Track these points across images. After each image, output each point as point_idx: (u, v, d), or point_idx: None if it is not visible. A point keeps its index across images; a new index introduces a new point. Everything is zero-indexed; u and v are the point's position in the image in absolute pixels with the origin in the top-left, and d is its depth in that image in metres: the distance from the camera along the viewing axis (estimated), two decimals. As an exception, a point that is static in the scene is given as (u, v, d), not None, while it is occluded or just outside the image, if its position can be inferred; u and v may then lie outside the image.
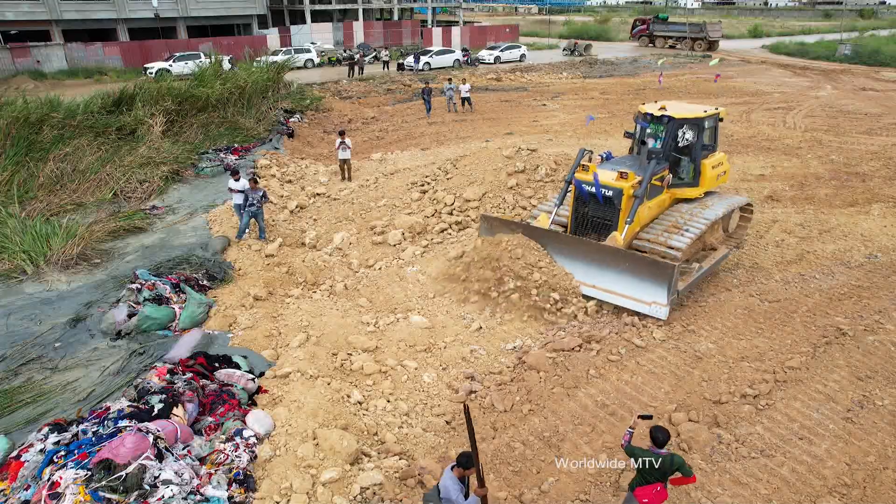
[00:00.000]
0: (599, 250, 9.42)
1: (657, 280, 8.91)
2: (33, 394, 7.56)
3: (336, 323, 9.36)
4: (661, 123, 10.48)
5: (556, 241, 9.95)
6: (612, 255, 9.29)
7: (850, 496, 6.07)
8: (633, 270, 9.10)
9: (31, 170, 14.36)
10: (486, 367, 8.48)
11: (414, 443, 7.10)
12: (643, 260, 9.10)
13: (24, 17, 35.95)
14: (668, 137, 10.43)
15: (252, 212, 11.89)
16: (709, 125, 10.75)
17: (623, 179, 9.60)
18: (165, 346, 8.56)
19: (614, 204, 9.72)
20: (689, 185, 10.81)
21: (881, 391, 7.49)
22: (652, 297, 9.00)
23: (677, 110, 10.57)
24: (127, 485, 5.42)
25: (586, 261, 9.55)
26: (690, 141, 10.52)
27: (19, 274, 10.59)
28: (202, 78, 21.24)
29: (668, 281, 8.80)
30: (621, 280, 9.22)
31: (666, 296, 8.89)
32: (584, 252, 9.59)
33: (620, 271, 9.21)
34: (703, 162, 10.72)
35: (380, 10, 58.79)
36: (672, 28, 51.31)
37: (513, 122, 23.08)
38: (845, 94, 28.47)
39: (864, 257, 11.19)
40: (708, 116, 10.58)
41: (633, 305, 9.18)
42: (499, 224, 10.52)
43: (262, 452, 6.38)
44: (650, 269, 8.95)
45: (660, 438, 5.13)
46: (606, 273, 9.35)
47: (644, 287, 9.05)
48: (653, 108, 10.70)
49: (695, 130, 10.46)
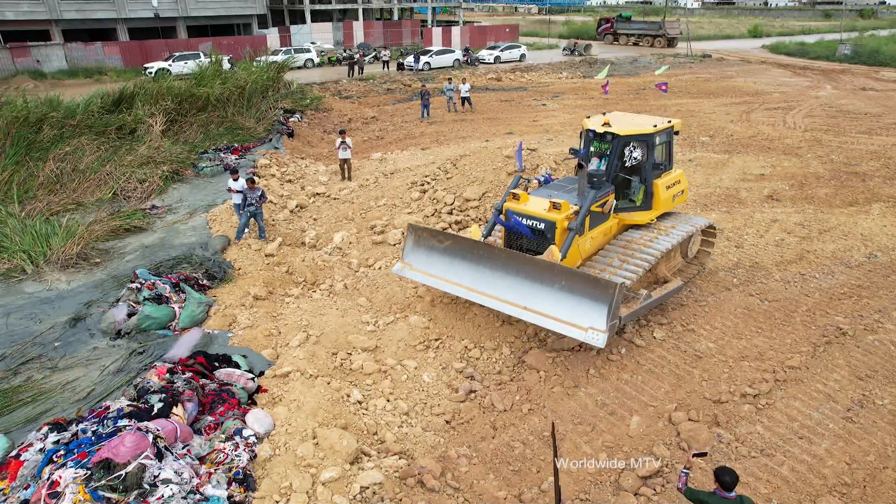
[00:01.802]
0: (533, 264, 8.17)
1: (596, 301, 7.59)
2: (33, 393, 7.56)
3: (336, 322, 9.36)
4: (604, 141, 9.38)
5: (487, 253, 8.65)
6: (546, 270, 8.02)
7: (850, 495, 6.07)
8: (570, 289, 7.83)
9: (30, 169, 14.35)
10: (486, 367, 8.48)
11: (414, 442, 7.09)
12: (581, 276, 7.84)
13: (24, 16, 35.94)
14: (614, 157, 9.33)
15: (251, 211, 11.88)
16: (660, 140, 9.64)
17: (556, 210, 8.54)
18: (165, 345, 8.56)
19: (547, 238, 8.72)
20: (640, 209, 9.78)
21: (881, 390, 7.48)
22: (589, 321, 7.59)
23: (623, 125, 9.42)
24: (126, 484, 5.42)
25: (518, 277, 8.26)
26: (639, 160, 9.44)
27: (19, 273, 10.58)
28: (202, 77, 21.22)
29: (609, 302, 7.44)
30: (556, 301, 7.91)
31: (605, 321, 7.49)
32: (516, 267, 8.31)
33: (556, 290, 7.94)
34: (655, 182, 9.68)
35: (380, 9, 58.78)
36: (634, 26, 53.82)
37: (513, 122, 23.08)
38: (845, 94, 28.47)
39: (864, 257, 11.19)
40: (659, 132, 9.45)
41: (567, 331, 7.71)
42: (427, 235, 9.40)
43: (261, 452, 6.37)
44: (588, 288, 7.66)
45: (727, 481, 4.63)
46: (541, 292, 8.05)
47: (581, 309, 7.68)
48: (595, 122, 9.58)
49: (644, 147, 9.36)
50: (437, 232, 9.40)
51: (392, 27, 51.94)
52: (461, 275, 8.84)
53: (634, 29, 53.57)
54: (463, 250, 8.93)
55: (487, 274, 8.58)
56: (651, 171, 9.61)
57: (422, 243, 9.43)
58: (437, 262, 9.15)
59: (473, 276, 8.71)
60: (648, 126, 9.44)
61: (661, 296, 9.03)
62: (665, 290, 9.15)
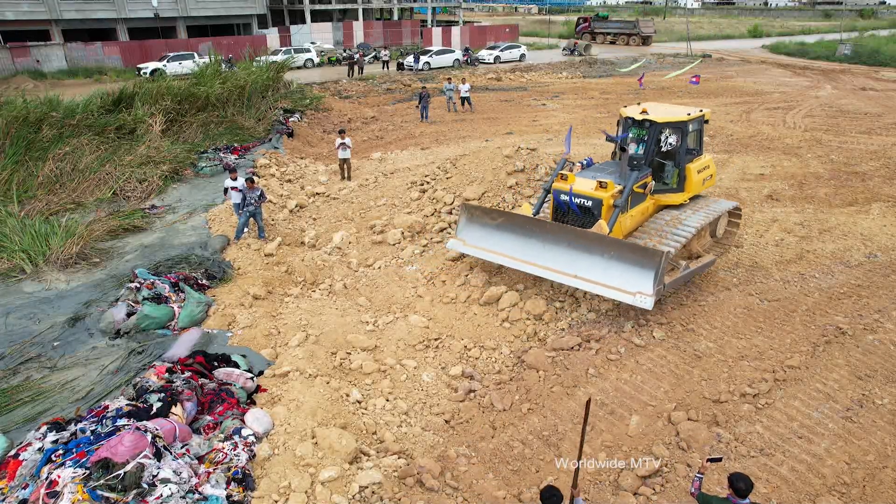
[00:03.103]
0: (584, 237, 9.03)
1: (644, 268, 8.46)
2: (32, 392, 7.55)
3: (335, 322, 9.35)
4: (642, 128, 10.13)
5: (538, 228, 9.53)
6: (597, 242, 8.89)
7: (849, 495, 6.07)
8: (618, 258, 8.68)
9: (30, 169, 14.35)
10: (485, 366, 8.47)
11: (413, 442, 7.09)
12: (630, 246, 8.75)
13: (24, 16, 35.94)
14: (651, 142, 10.07)
15: (250, 211, 11.88)
16: (693, 128, 10.37)
17: (602, 189, 9.30)
18: (164, 344, 8.55)
19: (594, 215, 9.45)
20: (674, 190, 10.46)
21: (881, 390, 7.48)
22: (637, 286, 8.48)
23: (660, 113, 10.17)
24: (125, 483, 5.41)
25: (570, 249, 9.13)
26: (674, 145, 10.18)
27: (18, 273, 10.58)
28: (201, 77, 21.22)
29: (656, 269, 8.33)
30: (606, 269, 8.77)
31: (652, 285, 8.39)
32: (567, 239, 9.18)
33: (605, 259, 8.79)
34: (687, 166, 10.38)
35: (380, 9, 58.77)
36: (610, 25, 55.50)
37: (512, 122, 23.07)
38: (845, 94, 28.47)
39: (864, 256, 11.18)
40: (692, 119, 10.19)
41: (617, 296, 8.64)
42: (480, 212, 10.23)
43: (260, 451, 6.37)
44: (637, 257, 8.54)
45: (742, 488, 4.62)
46: (591, 261, 8.90)
47: (629, 276, 8.57)
48: (634, 111, 10.31)
49: (678, 134, 10.13)
50: (489, 210, 10.31)
51: (392, 27, 51.93)
52: (514, 248, 9.67)
53: (611, 28, 55.14)
54: (515, 226, 9.77)
55: (539, 246, 9.43)
56: (684, 156, 10.32)
57: (475, 220, 10.25)
58: (491, 238, 9.97)
59: (526, 249, 9.55)
60: (683, 114, 10.18)
61: (698, 268, 9.85)
62: (700, 263, 9.99)
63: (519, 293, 9.87)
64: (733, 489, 4.69)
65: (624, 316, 9.37)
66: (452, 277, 10.61)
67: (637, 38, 51.55)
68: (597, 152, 15.70)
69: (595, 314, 9.47)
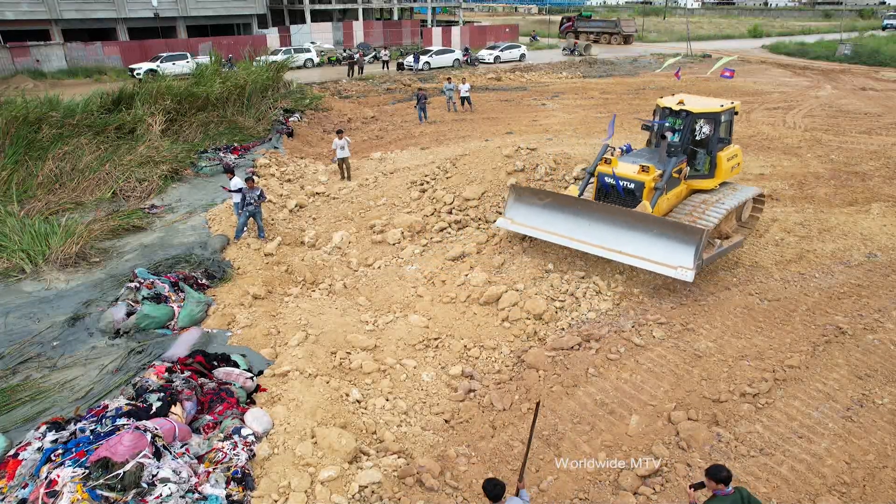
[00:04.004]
0: (628, 215, 9.74)
1: (685, 243, 9.14)
2: (31, 392, 7.55)
3: (335, 322, 9.35)
4: (679, 117, 10.92)
5: (584, 207, 10.27)
6: (641, 220, 9.61)
7: (849, 495, 6.06)
8: (661, 234, 9.36)
9: (30, 169, 14.34)
10: (485, 366, 8.47)
11: (413, 441, 7.08)
12: (671, 223, 9.47)
13: (24, 16, 35.92)
14: (686, 131, 10.87)
15: (250, 211, 11.87)
16: (725, 119, 11.14)
17: (644, 173, 10.12)
18: (164, 344, 8.55)
19: (636, 196, 10.21)
20: (705, 176, 11.22)
21: (881, 390, 7.47)
22: (679, 261, 9.18)
23: (695, 104, 10.95)
24: (125, 483, 5.41)
25: (614, 226, 9.82)
26: (707, 134, 10.95)
27: (18, 273, 10.57)
28: (201, 77, 21.21)
29: (697, 244, 9.03)
30: (649, 245, 9.46)
31: (693, 259, 9.09)
32: (612, 218, 9.88)
33: (648, 235, 9.47)
34: (718, 154, 11.08)
35: (380, 9, 58.75)
36: (592, 25, 56.88)
37: (512, 122, 23.06)
38: (845, 94, 28.46)
39: (864, 256, 11.18)
40: (724, 110, 10.96)
41: (660, 269, 9.36)
42: (529, 193, 10.88)
43: (260, 451, 6.36)
44: (678, 233, 9.25)
45: (724, 476, 4.68)
46: (634, 238, 9.60)
47: (671, 251, 9.27)
48: (671, 101, 11.08)
49: (712, 124, 10.90)
50: (537, 190, 11.05)
51: (392, 27, 51.91)
52: (560, 226, 10.41)
53: (593, 27, 56.32)
54: (562, 205, 10.47)
55: (585, 224, 10.13)
56: (716, 145, 11.07)
57: (523, 200, 10.90)
58: (538, 216, 10.68)
59: (572, 226, 10.27)
60: (716, 106, 10.96)
61: (729, 246, 10.61)
62: (732, 242, 10.75)
63: (519, 293, 9.87)
64: (716, 480, 4.70)
65: (624, 316, 9.38)
66: (452, 277, 10.61)
67: (618, 36, 52.89)
68: (595, 152, 15.65)
69: (595, 314, 9.47)
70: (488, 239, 11.86)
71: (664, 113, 11.13)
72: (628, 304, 9.73)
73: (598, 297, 9.94)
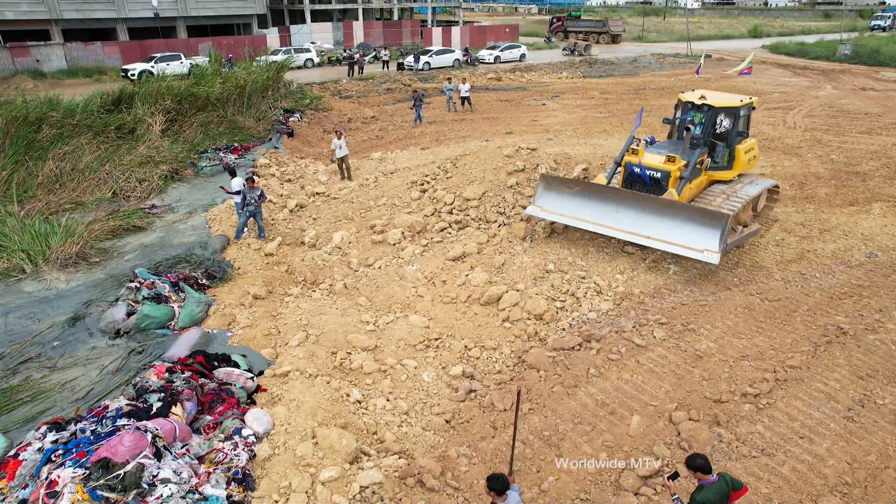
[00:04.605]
0: (656, 202, 10.27)
1: (711, 227, 9.68)
2: (32, 392, 7.53)
3: (335, 322, 9.34)
4: (701, 111, 11.50)
5: (613, 194, 10.76)
6: (668, 206, 10.15)
7: (851, 495, 6.06)
8: (687, 219, 9.90)
9: (30, 169, 14.33)
10: (485, 366, 8.46)
11: (413, 442, 7.07)
12: (697, 209, 10.07)
13: (24, 16, 35.90)
14: (708, 124, 11.45)
15: (250, 211, 11.86)
16: (743, 113, 11.73)
17: (671, 163, 10.78)
18: (164, 344, 8.53)
19: (661, 185, 10.83)
20: (724, 168, 11.79)
21: (882, 390, 7.47)
22: (705, 244, 9.72)
23: (716, 99, 11.57)
24: (125, 483, 5.40)
25: (642, 212, 10.32)
26: (727, 128, 11.52)
27: (18, 273, 10.55)
28: (201, 77, 21.19)
29: (722, 227, 9.57)
30: (676, 229, 9.98)
31: (718, 243, 9.61)
32: (640, 204, 10.38)
33: (676, 221, 9.98)
34: (737, 147, 11.67)
35: (380, 9, 58.74)
36: (581, 24, 57.95)
37: (513, 122, 23.05)
38: (845, 94, 28.45)
39: (865, 256, 11.17)
40: (743, 105, 11.54)
41: (686, 252, 9.87)
42: (558, 182, 11.35)
43: (260, 451, 6.36)
44: (704, 218, 9.80)
45: (703, 464, 4.70)
46: (662, 223, 10.11)
47: (698, 235, 9.79)
48: (693, 96, 11.72)
49: (731, 118, 11.43)
50: (567, 179, 11.66)
51: (392, 27, 51.88)
52: (590, 213, 10.87)
53: (582, 27, 57.23)
54: (591, 193, 10.94)
55: (613, 211, 10.60)
56: (735, 138, 11.66)
57: (553, 189, 11.35)
58: (568, 204, 11.12)
59: (600, 213, 10.74)
60: (736, 101, 11.58)
61: (749, 233, 11.33)
62: (751, 230, 11.47)
63: (519, 293, 9.86)
64: (696, 469, 4.71)
65: (625, 316, 9.37)
66: (453, 277, 10.60)
67: (607, 35, 53.66)
68: (596, 153, 15.67)
69: (596, 314, 9.46)
70: (489, 239, 11.86)
71: (686, 107, 11.71)
72: (629, 304, 9.72)
73: (598, 297, 9.93)
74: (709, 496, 4.64)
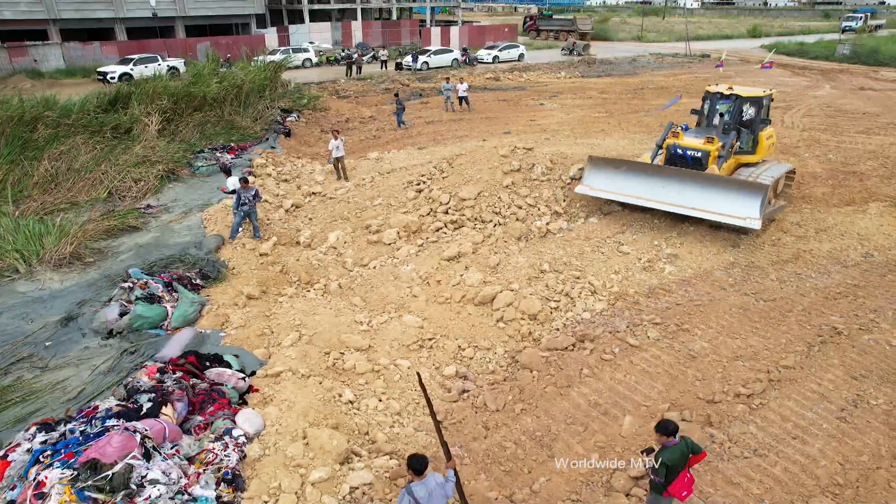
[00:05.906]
0: (699, 176, 11.38)
1: (752, 196, 10.73)
2: (23, 393, 7.51)
3: (329, 322, 9.31)
4: (729, 101, 12.60)
5: (659, 171, 11.88)
6: (711, 180, 11.25)
7: (842, 496, 6.03)
8: (729, 190, 10.92)
9: (25, 168, 14.31)
10: (479, 366, 8.43)
11: (405, 442, 7.05)
12: (739, 181, 11.23)
13: (22, 16, 35.87)
14: (735, 112, 12.51)
15: (245, 211, 11.84)
16: (766, 103, 12.86)
17: (710, 143, 11.85)
18: (157, 344, 8.51)
19: (702, 163, 11.81)
20: (749, 153, 12.84)
21: (875, 390, 7.44)
22: (746, 212, 10.72)
23: (743, 90, 12.72)
24: (113, 484, 5.37)
25: (686, 186, 11.36)
26: (752, 116, 12.63)
27: (12, 273, 10.53)
28: (198, 77, 21.17)
29: (762, 196, 10.66)
30: (719, 201, 10.96)
31: (759, 210, 10.62)
32: (683, 179, 11.43)
33: (718, 193, 10.99)
34: (760, 134, 12.73)
35: (378, 9, 58.71)
36: (552, 23, 60.44)
37: (510, 122, 23.01)
38: (844, 94, 28.41)
39: (861, 256, 11.14)
40: (766, 95, 12.78)
41: (730, 220, 10.92)
42: (604, 162, 12.40)
43: (251, 452, 6.33)
44: (746, 189, 10.90)
45: (671, 427, 5.20)
46: (706, 195, 11.13)
47: (740, 204, 10.80)
48: (720, 88, 12.92)
49: (756, 107, 12.57)
50: (613, 159, 12.69)
51: (390, 27, 51.86)
52: (637, 189, 11.92)
53: (553, 25, 59.47)
54: (637, 171, 12.03)
55: (658, 186, 11.66)
56: (759, 125, 12.76)
57: (600, 169, 12.40)
58: (615, 182, 12.19)
59: (647, 189, 11.79)
60: (760, 91, 12.80)
61: (779, 206, 12.68)
62: (780, 203, 12.86)
63: (514, 293, 9.84)
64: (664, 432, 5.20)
65: (619, 316, 9.34)
66: (448, 277, 10.58)
67: (575, 34, 54.93)
68: (593, 152, 15.63)
69: (590, 314, 9.44)
70: (484, 239, 11.84)
71: (714, 97, 12.84)
72: (623, 304, 9.70)
73: (593, 297, 9.91)
74: (672, 455, 5.17)
